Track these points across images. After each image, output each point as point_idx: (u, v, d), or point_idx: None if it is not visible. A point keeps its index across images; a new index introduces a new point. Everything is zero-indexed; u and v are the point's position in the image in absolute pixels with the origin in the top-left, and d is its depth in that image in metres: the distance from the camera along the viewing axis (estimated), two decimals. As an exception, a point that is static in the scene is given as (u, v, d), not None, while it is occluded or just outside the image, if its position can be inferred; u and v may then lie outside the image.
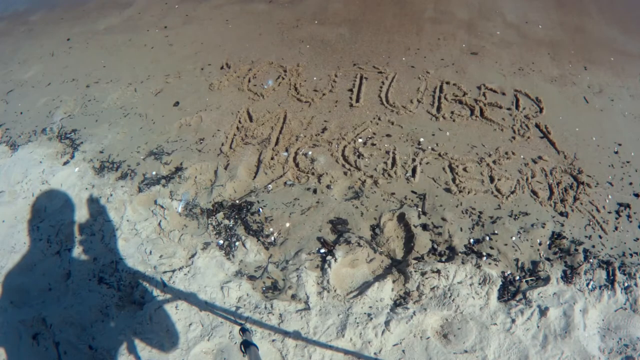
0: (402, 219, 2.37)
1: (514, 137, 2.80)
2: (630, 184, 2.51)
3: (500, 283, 2.08)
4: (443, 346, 1.93)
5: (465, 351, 1.90)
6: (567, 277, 2.09)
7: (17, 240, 2.61)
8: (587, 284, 2.05)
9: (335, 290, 2.12)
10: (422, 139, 2.79)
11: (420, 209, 2.40)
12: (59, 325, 2.17)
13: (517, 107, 3.05)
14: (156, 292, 2.22)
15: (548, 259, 2.17)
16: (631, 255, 2.17)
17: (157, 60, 3.99)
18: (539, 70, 3.43)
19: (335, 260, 2.20)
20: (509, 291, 2.07)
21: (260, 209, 2.51)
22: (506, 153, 2.67)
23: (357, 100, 3.17)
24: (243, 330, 1.66)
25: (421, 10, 4.31)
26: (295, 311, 2.06)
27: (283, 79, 3.48)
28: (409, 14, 4.25)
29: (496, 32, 3.92)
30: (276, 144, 2.91)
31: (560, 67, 3.47)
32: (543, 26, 4.02)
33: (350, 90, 3.28)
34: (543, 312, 1.95)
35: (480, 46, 3.71)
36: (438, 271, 2.10)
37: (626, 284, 2.05)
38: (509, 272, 2.13)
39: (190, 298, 2.17)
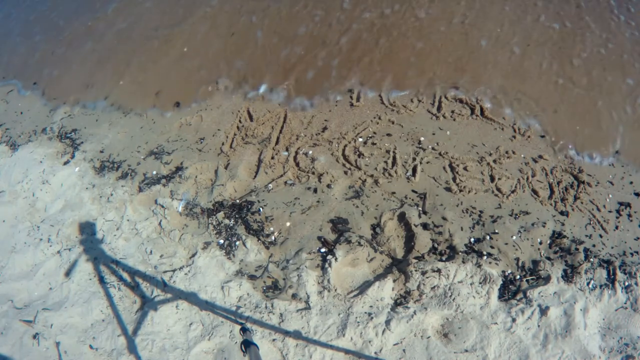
0: (402, 218, 2.37)
1: (514, 136, 2.80)
2: (631, 183, 2.50)
3: (501, 282, 2.08)
4: (444, 345, 1.93)
5: (466, 350, 1.90)
6: (568, 276, 2.08)
7: (17, 240, 2.61)
8: (588, 283, 2.05)
9: (335, 290, 2.12)
10: (422, 138, 2.79)
11: (420, 208, 2.40)
12: (59, 325, 2.17)
13: (517, 106, 3.04)
14: (157, 292, 2.22)
15: (549, 258, 2.17)
16: (632, 254, 2.17)
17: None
18: (539, 69, 3.41)
19: (336, 259, 2.20)
20: (509, 290, 2.07)
21: (261, 209, 2.51)
22: (507, 152, 2.67)
23: (358, 100, 3.17)
24: (243, 330, 1.66)
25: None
26: (296, 310, 2.06)
27: (283, 78, 3.48)
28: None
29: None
30: (276, 143, 2.90)
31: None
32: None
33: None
34: (544, 311, 1.95)
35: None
36: (438, 270, 2.10)
37: (627, 283, 2.05)
38: (509, 272, 2.13)
39: (191, 297, 2.17)
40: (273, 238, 2.39)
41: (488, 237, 2.24)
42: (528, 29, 3.42)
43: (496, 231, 2.26)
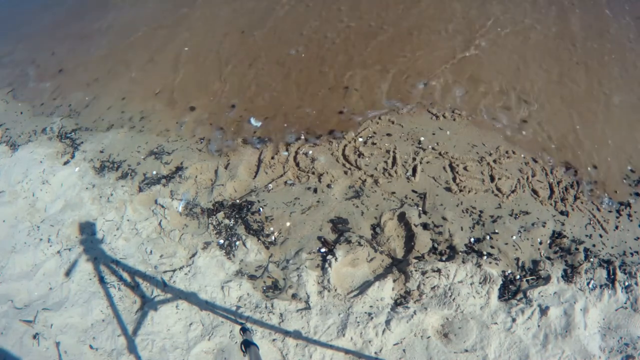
0: (402, 218, 2.37)
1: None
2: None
3: (501, 282, 2.08)
4: (444, 345, 1.93)
5: (466, 350, 1.90)
6: (568, 276, 2.08)
7: (17, 240, 2.61)
8: (588, 283, 2.05)
9: (335, 290, 2.12)
10: (422, 138, 2.78)
11: (420, 208, 2.40)
12: (59, 325, 2.17)
13: (517, 106, 3.03)
14: (157, 292, 2.22)
15: (549, 258, 2.17)
16: (632, 254, 2.17)
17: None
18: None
19: (336, 259, 2.20)
20: (509, 290, 2.07)
21: (261, 209, 2.51)
22: (506, 152, 2.67)
23: (358, 100, 3.16)
24: (243, 330, 1.66)
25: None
26: (296, 310, 2.06)
27: (283, 78, 3.47)
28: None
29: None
30: (276, 143, 2.90)
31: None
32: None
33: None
34: (544, 311, 1.95)
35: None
36: (439, 270, 2.10)
37: (627, 283, 2.05)
38: (509, 271, 2.13)
39: (191, 298, 2.17)
40: (273, 238, 2.39)
41: (488, 237, 2.24)
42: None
43: (496, 231, 2.26)
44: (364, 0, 4.19)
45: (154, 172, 2.83)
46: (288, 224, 2.43)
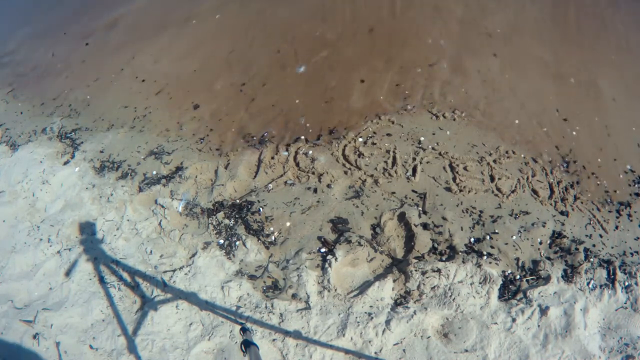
0: (402, 218, 2.37)
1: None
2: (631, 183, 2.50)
3: (501, 282, 2.08)
4: (444, 345, 1.93)
5: (466, 350, 1.90)
6: (568, 276, 2.08)
7: (17, 240, 2.61)
8: (588, 283, 2.05)
9: (335, 290, 2.12)
10: (422, 138, 2.78)
11: (420, 208, 2.40)
12: (59, 325, 2.17)
13: (517, 106, 3.03)
14: (157, 292, 2.22)
15: (549, 258, 2.17)
16: (632, 254, 2.17)
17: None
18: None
19: (336, 259, 2.20)
20: (509, 290, 2.07)
21: (261, 209, 2.51)
22: (506, 152, 2.67)
23: (358, 100, 3.16)
24: (243, 330, 1.66)
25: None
26: (296, 310, 2.06)
27: (283, 78, 3.47)
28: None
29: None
30: (276, 143, 2.90)
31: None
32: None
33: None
34: (544, 311, 1.95)
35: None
36: (439, 270, 2.10)
37: (627, 283, 2.05)
38: (509, 271, 2.13)
39: (191, 298, 2.17)
40: (273, 238, 2.39)
41: (488, 237, 2.24)
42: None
43: (496, 231, 2.26)
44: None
45: (154, 172, 2.83)
46: (288, 224, 2.43)
